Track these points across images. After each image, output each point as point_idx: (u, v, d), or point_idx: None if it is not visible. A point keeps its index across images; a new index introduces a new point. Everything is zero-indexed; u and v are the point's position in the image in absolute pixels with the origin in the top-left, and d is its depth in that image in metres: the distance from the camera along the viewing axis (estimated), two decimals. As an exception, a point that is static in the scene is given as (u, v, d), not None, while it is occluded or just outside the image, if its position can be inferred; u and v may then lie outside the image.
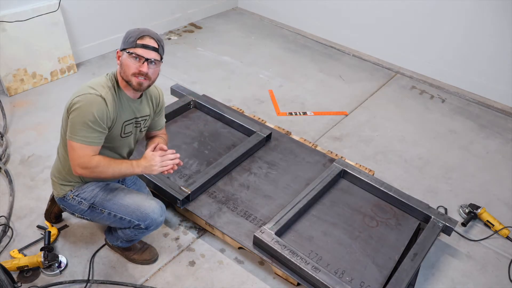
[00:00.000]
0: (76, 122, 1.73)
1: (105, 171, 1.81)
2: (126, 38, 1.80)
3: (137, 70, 1.78)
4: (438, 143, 3.36)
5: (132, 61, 1.78)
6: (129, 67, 1.78)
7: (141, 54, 1.77)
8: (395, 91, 3.97)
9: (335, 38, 4.66)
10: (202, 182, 2.45)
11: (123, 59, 1.81)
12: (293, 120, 3.45)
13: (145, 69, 1.78)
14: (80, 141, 1.75)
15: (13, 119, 3.16)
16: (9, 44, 3.22)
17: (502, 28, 3.58)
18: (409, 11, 4.02)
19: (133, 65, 1.78)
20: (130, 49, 1.77)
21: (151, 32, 1.82)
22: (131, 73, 1.79)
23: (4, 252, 2.22)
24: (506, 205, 2.84)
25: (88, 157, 1.77)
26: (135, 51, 1.77)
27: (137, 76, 1.80)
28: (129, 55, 1.78)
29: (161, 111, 2.16)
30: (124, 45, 1.80)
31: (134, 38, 1.77)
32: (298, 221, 2.38)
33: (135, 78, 1.80)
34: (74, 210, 2.02)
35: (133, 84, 1.81)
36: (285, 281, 2.21)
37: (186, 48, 4.34)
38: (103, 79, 1.86)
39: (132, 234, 2.04)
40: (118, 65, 1.85)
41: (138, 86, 1.82)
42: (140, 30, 1.80)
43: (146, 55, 1.78)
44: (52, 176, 2.04)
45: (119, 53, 1.84)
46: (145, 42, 1.78)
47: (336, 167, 2.66)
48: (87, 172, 1.80)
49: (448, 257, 2.46)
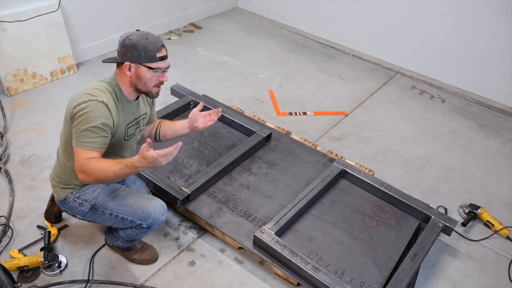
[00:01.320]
0: (81, 129, 1.72)
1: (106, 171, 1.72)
2: (142, 51, 1.75)
3: (158, 81, 1.84)
4: (438, 143, 3.36)
5: (153, 74, 1.80)
6: (151, 80, 1.82)
7: (163, 67, 1.81)
8: (395, 91, 3.97)
9: (335, 38, 4.66)
10: (202, 182, 2.45)
11: (142, 73, 1.79)
12: (293, 120, 3.45)
13: (166, 79, 1.86)
14: (85, 147, 1.73)
15: (13, 119, 3.16)
16: (9, 44, 3.22)
17: (502, 28, 3.58)
18: (409, 11, 4.02)
19: (155, 77, 1.82)
20: (152, 63, 1.78)
21: (159, 40, 1.81)
22: (153, 85, 1.84)
23: (4, 252, 2.22)
24: (506, 205, 2.84)
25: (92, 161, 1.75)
26: (158, 65, 1.79)
27: (158, 86, 1.86)
28: (150, 69, 1.78)
29: (154, 105, 2.19)
30: (141, 59, 1.77)
31: (153, 52, 1.76)
32: (298, 221, 2.38)
33: (156, 88, 1.87)
34: (75, 212, 2.01)
35: (153, 93, 1.88)
36: (285, 281, 2.21)
37: (186, 48, 4.34)
38: (101, 84, 1.83)
39: (133, 234, 2.04)
40: (128, 76, 1.81)
41: (157, 94, 1.90)
42: (154, 42, 1.77)
43: (165, 66, 1.83)
44: (51, 179, 2.04)
45: (132, 66, 1.79)
46: (162, 54, 1.80)
47: (336, 167, 2.66)
48: (90, 178, 1.73)
49: (448, 257, 2.46)
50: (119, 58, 1.81)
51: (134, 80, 1.82)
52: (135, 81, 1.82)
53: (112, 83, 1.85)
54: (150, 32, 1.83)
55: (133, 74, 1.81)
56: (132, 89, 1.86)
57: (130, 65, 1.79)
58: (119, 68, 1.84)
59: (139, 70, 1.79)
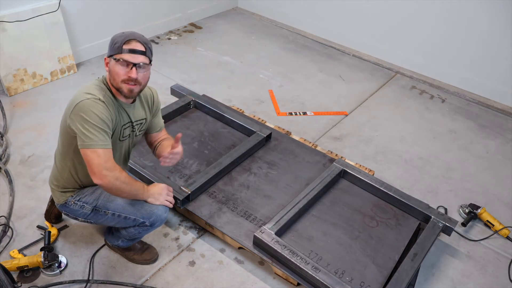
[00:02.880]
0: (88, 128, 1.69)
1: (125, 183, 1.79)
2: (112, 44, 1.76)
3: (126, 77, 1.75)
4: (438, 143, 3.36)
5: (120, 67, 1.74)
6: (118, 74, 1.75)
7: (129, 59, 1.73)
8: (395, 91, 3.97)
9: (335, 38, 4.66)
10: (202, 182, 2.45)
11: (111, 66, 1.77)
12: (293, 120, 3.45)
13: (134, 75, 1.74)
14: (100, 146, 1.70)
15: (13, 119, 3.16)
16: (9, 44, 3.22)
17: (502, 28, 3.58)
18: (409, 11, 4.02)
19: (122, 72, 1.74)
20: (117, 55, 1.73)
21: (137, 35, 1.77)
22: (121, 80, 1.76)
23: (4, 252, 2.22)
24: (506, 205, 2.84)
25: (113, 160, 1.75)
26: (122, 56, 1.73)
27: (127, 83, 1.76)
28: (117, 62, 1.74)
29: (158, 111, 2.13)
30: (111, 52, 1.76)
31: (120, 43, 1.73)
32: (298, 221, 2.38)
33: (125, 85, 1.77)
34: (77, 214, 2.01)
35: (124, 91, 1.79)
36: (285, 281, 2.21)
37: (186, 48, 4.34)
38: (95, 82, 1.83)
39: (136, 232, 2.04)
40: (107, 72, 1.82)
41: (129, 93, 1.80)
42: (126, 34, 1.76)
43: (133, 60, 1.74)
44: (50, 184, 2.03)
45: (106, 60, 1.80)
46: (131, 46, 1.73)
47: (336, 167, 2.66)
48: (111, 177, 1.72)
49: (448, 257, 2.46)
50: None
51: (109, 77, 1.80)
52: (109, 77, 1.80)
53: (104, 82, 1.85)
54: (136, 32, 1.81)
55: (108, 69, 1.80)
56: (115, 89, 1.82)
57: (106, 61, 1.80)
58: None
59: (110, 64, 1.78)
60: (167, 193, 2.00)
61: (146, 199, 1.94)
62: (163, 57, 4.10)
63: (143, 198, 1.93)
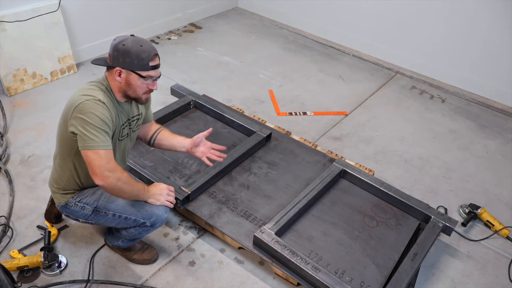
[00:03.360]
0: (89, 130, 1.69)
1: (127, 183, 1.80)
2: (135, 59, 1.73)
3: (148, 89, 1.83)
4: (438, 143, 3.36)
5: (144, 82, 1.79)
6: (141, 88, 1.81)
7: (154, 76, 1.81)
8: (395, 91, 3.97)
9: (335, 38, 4.66)
10: (202, 182, 2.45)
11: (132, 80, 1.78)
12: (293, 120, 3.45)
13: (156, 87, 1.85)
14: (102, 147, 1.71)
15: (13, 119, 3.16)
16: (9, 44, 3.22)
17: (502, 28, 3.58)
18: (409, 11, 4.02)
19: (145, 85, 1.81)
20: (143, 72, 1.76)
21: (154, 48, 1.79)
22: (143, 92, 1.83)
23: (4, 252, 2.22)
24: (506, 205, 2.84)
25: (114, 161, 1.76)
26: (149, 74, 1.78)
27: (148, 93, 1.86)
28: (141, 77, 1.77)
29: (150, 105, 2.17)
30: (134, 67, 1.75)
31: (147, 61, 1.74)
32: (298, 221, 2.38)
33: (145, 95, 1.86)
34: (77, 216, 2.01)
35: (142, 100, 1.88)
36: (285, 281, 2.21)
37: (186, 48, 4.34)
38: (93, 83, 1.83)
39: (136, 233, 2.04)
40: (118, 81, 1.80)
41: (147, 101, 1.91)
42: (148, 50, 1.75)
43: (157, 75, 1.83)
44: (50, 186, 2.03)
45: (123, 72, 1.77)
46: (155, 63, 1.79)
47: (336, 167, 2.66)
48: (113, 178, 1.73)
49: (448, 257, 2.46)
50: (110, 62, 1.78)
51: (124, 86, 1.81)
52: (124, 87, 1.81)
53: (103, 83, 1.84)
54: (144, 38, 1.81)
55: (123, 80, 1.79)
56: (121, 94, 1.85)
57: (120, 71, 1.77)
58: (109, 71, 1.83)
59: (129, 76, 1.77)
60: (168, 193, 2.01)
61: (146, 199, 1.95)
62: (163, 57, 4.06)
63: (143, 198, 1.93)
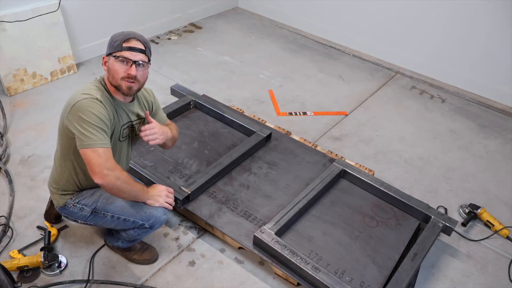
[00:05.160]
0: (87, 128, 1.70)
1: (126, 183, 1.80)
2: (111, 42, 1.79)
3: (125, 74, 1.77)
4: (438, 143, 3.36)
5: (119, 65, 1.77)
6: (117, 72, 1.77)
7: (128, 57, 1.76)
8: (395, 91, 3.97)
9: (335, 38, 4.66)
10: (202, 182, 2.45)
11: (110, 64, 1.79)
12: (293, 120, 3.45)
13: (133, 72, 1.77)
14: (100, 146, 1.71)
15: (13, 119, 3.16)
16: (9, 44, 3.22)
17: (502, 28, 3.58)
18: (409, 10, 4.02)
19: (121, 69, 1.77)
20: (117, 53, 1.76)
21: (136, 34, 1.81)
22: (120, 77, 1.78)
23: (4, 252, 2.22)
24: (506, 205, 2.84)
25: (113, 160, 1.76)
26: (122, 54, 1.76)
27: (126, 80, 1.78)
28: (116, 59, 1.76)
29: (158, 109, 2.16)
30: (110, 50, 1.78)
31: (120, 41, 1.76)
32: (298, 221, 2.38)
33: (124, 82, 1.79)
34: (76, 217, 2.00)
35: (123, 88, 1.80)
36: (285, 281, 2.21)
37: (186, 48, 4.34)
38: (92, 83, 1.84)
39: (135, 234, 2.04)
40: (105, 71, 1.84)
41: (128, 90, 1.81)
42: (126, 33, 1.79)
43: (133, 58, 1.77)
44: (50, 186, 2.03)
45: (105, 59, 1.83)
46: (131, 44, 1.77)
47: (336, 167, 2.66)
48: (112, 177, 1.72)
49: (448, 257, 2.46)
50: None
51: (109, 76, 1.81)
52: (109, 77, 1.81)
53: (101, 82, 1.86)
54: (136, 32, 1.83)
55: (107, 68, 1.81)
56: (113, 88, 1.84)
57: (104, 60, 1.82)
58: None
59: (109, 62, 1.80)
60: (167, 195, 2.01)
61: (145, 201, 1.94)
62: (163, 57, 4.10)
63: (142, 199, 1.93)
